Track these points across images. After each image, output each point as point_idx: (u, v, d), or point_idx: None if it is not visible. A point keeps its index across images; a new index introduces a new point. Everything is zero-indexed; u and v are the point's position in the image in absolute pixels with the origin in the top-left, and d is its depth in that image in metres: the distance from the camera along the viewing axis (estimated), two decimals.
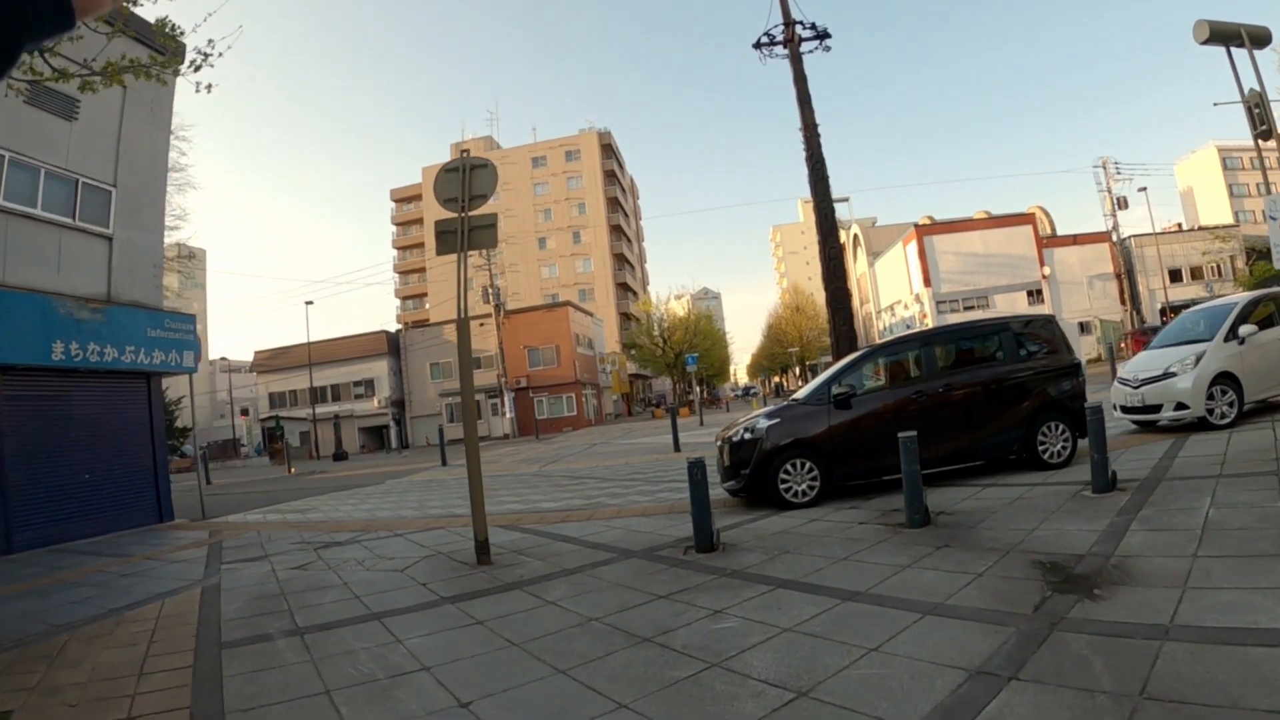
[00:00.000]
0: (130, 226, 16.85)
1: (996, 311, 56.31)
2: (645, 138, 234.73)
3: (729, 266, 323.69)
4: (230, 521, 16.17)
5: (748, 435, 10.16)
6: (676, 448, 21.48)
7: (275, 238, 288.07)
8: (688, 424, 40.55)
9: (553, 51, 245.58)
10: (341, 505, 17.26)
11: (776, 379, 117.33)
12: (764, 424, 10.16)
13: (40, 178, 14.95)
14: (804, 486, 9.77)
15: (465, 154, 9.19)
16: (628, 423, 59.08)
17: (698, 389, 69.90)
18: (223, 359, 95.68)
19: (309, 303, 59.79)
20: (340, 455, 50.91)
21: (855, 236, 79.90)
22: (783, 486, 9.77)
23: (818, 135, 29.67)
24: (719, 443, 10.80)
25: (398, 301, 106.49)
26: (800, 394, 11.57)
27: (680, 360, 64.31)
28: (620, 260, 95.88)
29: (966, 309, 57.37)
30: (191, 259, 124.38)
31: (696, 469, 8.00)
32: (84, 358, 14.98)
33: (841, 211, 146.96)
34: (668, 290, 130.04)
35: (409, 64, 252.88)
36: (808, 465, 9.83)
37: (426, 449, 52.55)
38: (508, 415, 57.41)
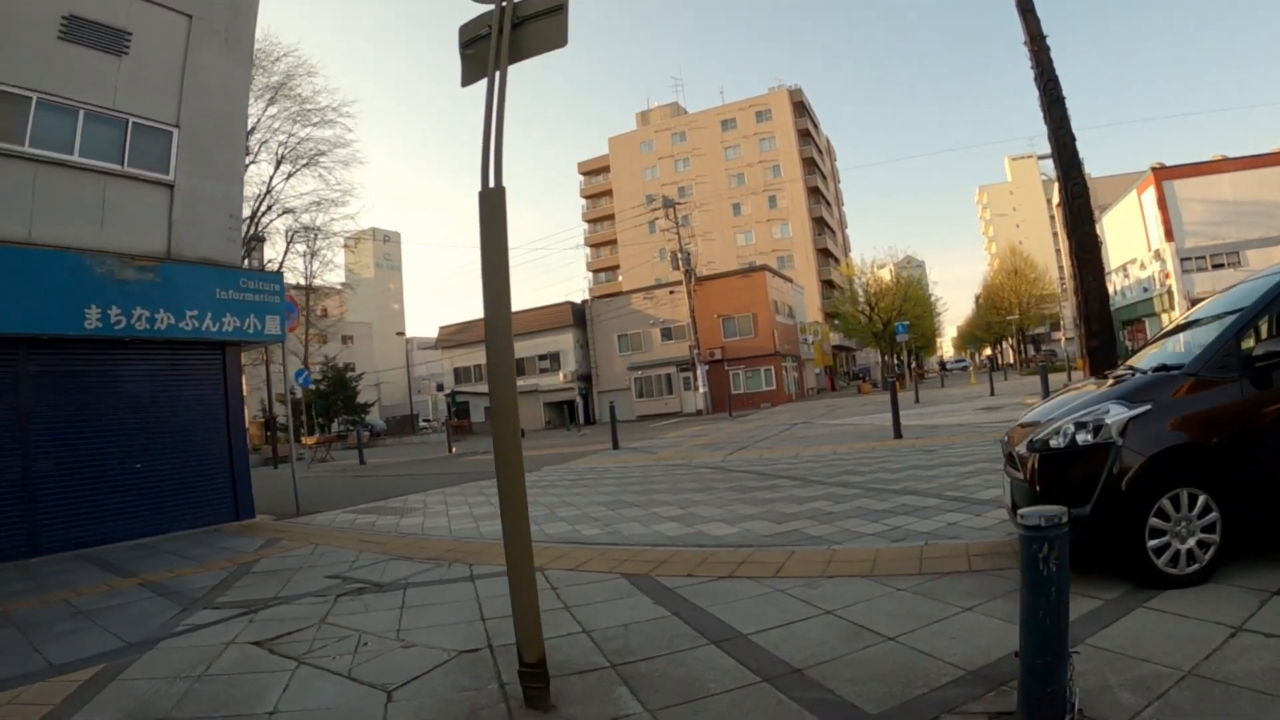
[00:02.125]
0: (198, 173, 14.26)
1: (1249, 270, 48.59)
2: (836, 99, 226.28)
3: (930, 234, 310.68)
4: (312, 524, 13.14)
5: (1085, 439, 5.21)
6: (898, 433, 16.82)
7: (461, 218, 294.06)
8: (900, 401, 35.66)
9: (737, 10, 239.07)
10: (457, 506, 13.43)
11: (988, 351, 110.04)
12: (1121, 413, 5.20)
13: (79, 120, 12.71)
14: (1192, 545, 4.95)
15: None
16: (831, 398, 53.92)
17: (908, 361, 64.41)
18: (399, 335, 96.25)
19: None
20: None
21: None
22: (1154, 543, 4.94)
23: (1046, 47, 24.23)
24: (1011, 449, 6.03)
25: (589, 275, 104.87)
26: (1151, 357, 6.55)
27: (889, 329, 58.71)
28: (820, 224, 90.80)
29: (1215, 267, 48.91)
30: (387, 242, 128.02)
31: (1042, 542, 3.21)
32: (128, 325, 12.49)
33: (1050, 168, 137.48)
34: (870, 255, 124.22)
35: (590, 34, 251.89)
36: (1201, 501, 5.02)
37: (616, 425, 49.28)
38: (700, 390, 53.36)
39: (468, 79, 4.76)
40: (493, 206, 4.42)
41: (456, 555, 8.56)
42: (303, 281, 55.66)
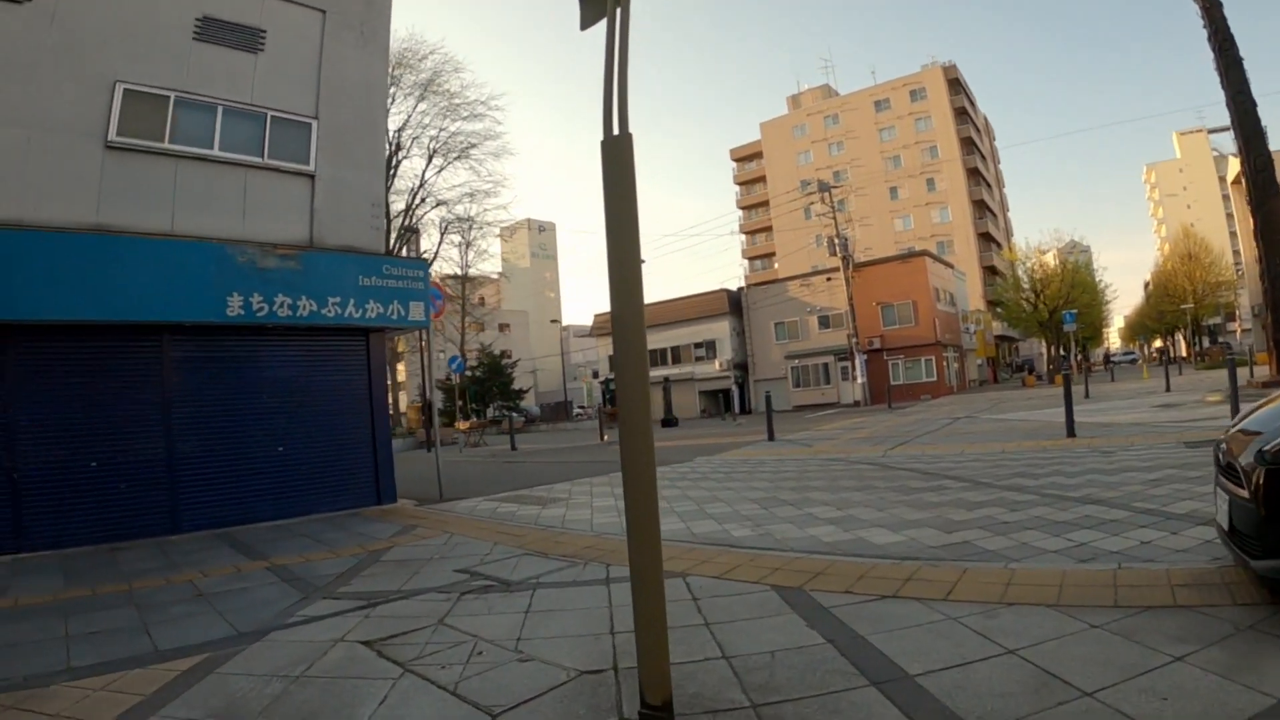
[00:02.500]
0: (338, 163, 14.61)
1: None
2: (991, 75, 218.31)
3: (1095, 217, 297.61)
4: (452, 511, 13.12)
5: None
6: (1071, 431, 15.73)
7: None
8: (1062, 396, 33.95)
9: None
10: (602, 498, 13.15)
11: (1158, 343, 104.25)
12: None
13: (218, 116, 13.22)
14: None
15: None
16: (994, 391, 52.15)
17: (1074, 352, 61.47)
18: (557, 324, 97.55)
19: (642, 261, 56.78)
20: (670, 421, 47.62)
21: None
22: None
23: (1219, 3, 22.46)
24: (1230, 459, 5.20)
25: (745, 262, 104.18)
26: None
27: (1055, 318, 56.18)
28: (980, 207, 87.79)
29: None
30: (543, 232, 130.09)
31: None
32: (269, 312, 12.87)
33: (1221, 143, 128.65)
34: (1034, 239, 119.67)
35: (737, 17, 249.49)
36: None
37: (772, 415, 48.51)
38: (858, 380, 52.12)
39: (586, 21, 4.30)
40: (618, 156, 3.94)
41: (594, 553, 8.16)
42: (458, 271, 56.84)
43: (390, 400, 52.98)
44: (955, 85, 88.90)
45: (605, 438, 31.64)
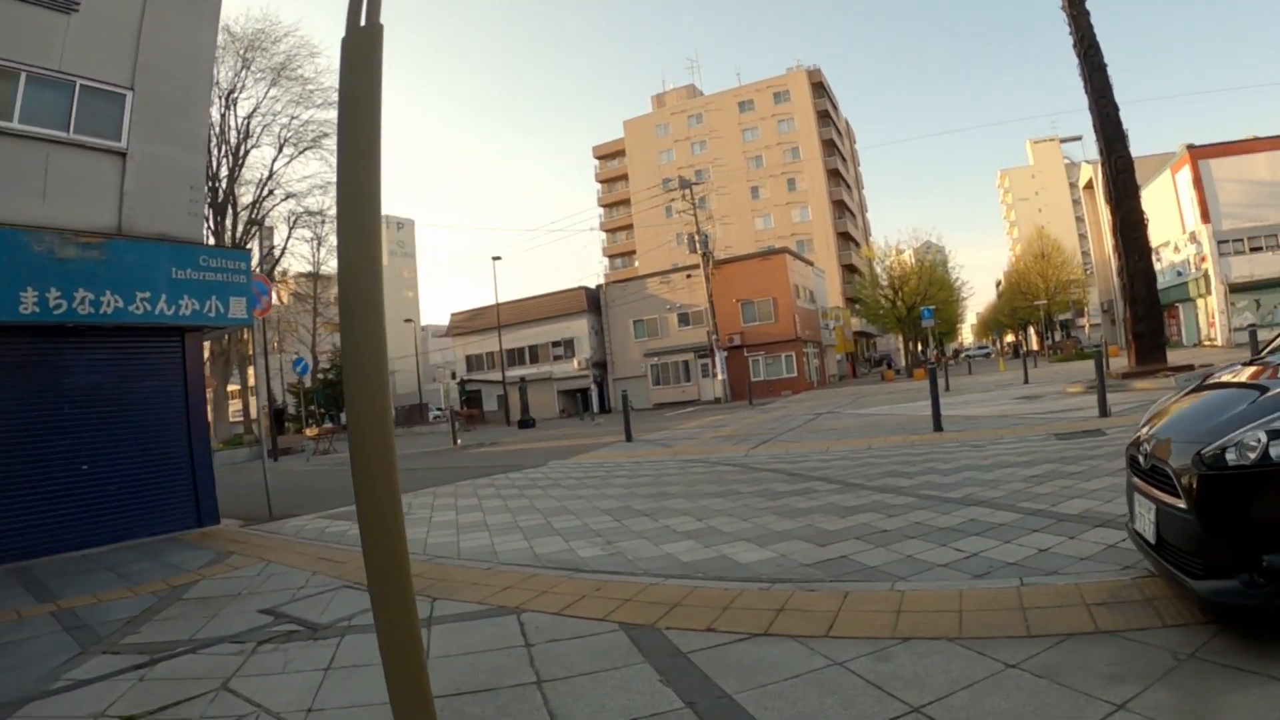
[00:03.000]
0: (155, 139, 12.88)
1: None
2: (854, 80, 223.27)
3: (950, 220, 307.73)
4: (279, 532, 11.53)
5: None
6: (938, 425, 15.17)
7: (477, 206, 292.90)
8: (924, 389, 33.92)
9: None
10: (444, 511, 11.82)
11: (1010, 337, 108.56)
12: None
13: (19, 84, 11.48)
14: None
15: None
16: (854, 386, 52.38)
17: (932, 347, 62.65)
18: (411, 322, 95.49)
19: (496, 258, 55.19)
20: (526, 422, 46.44)
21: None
22: None
23: (1086, 11, 22.76)
24: (1153, 460, 4.38)
25: (605, 261, 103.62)
26: None
27: (914, 314, 56.81)
28: (840, 208, 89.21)
29: (1253, 249, 47.18)
30: (400, 229, 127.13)
31: None
32: (69, 309, 11.11)
33: (1072, 152, 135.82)
34: (893, 239, 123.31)
35: (605, 14, 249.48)
36: None
37: (631, 414, 47.60)
38: (719, 377, 51.81)
39: None
40: (366, 56, 2.99)
41: (421, 583, 6.98)
42: (310, 268, 54.53)
43: (227, 407, 50.37)
44: (819, 89, 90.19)
45: (459, 442, 30.26)
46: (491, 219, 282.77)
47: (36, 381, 11.43)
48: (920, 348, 65.34)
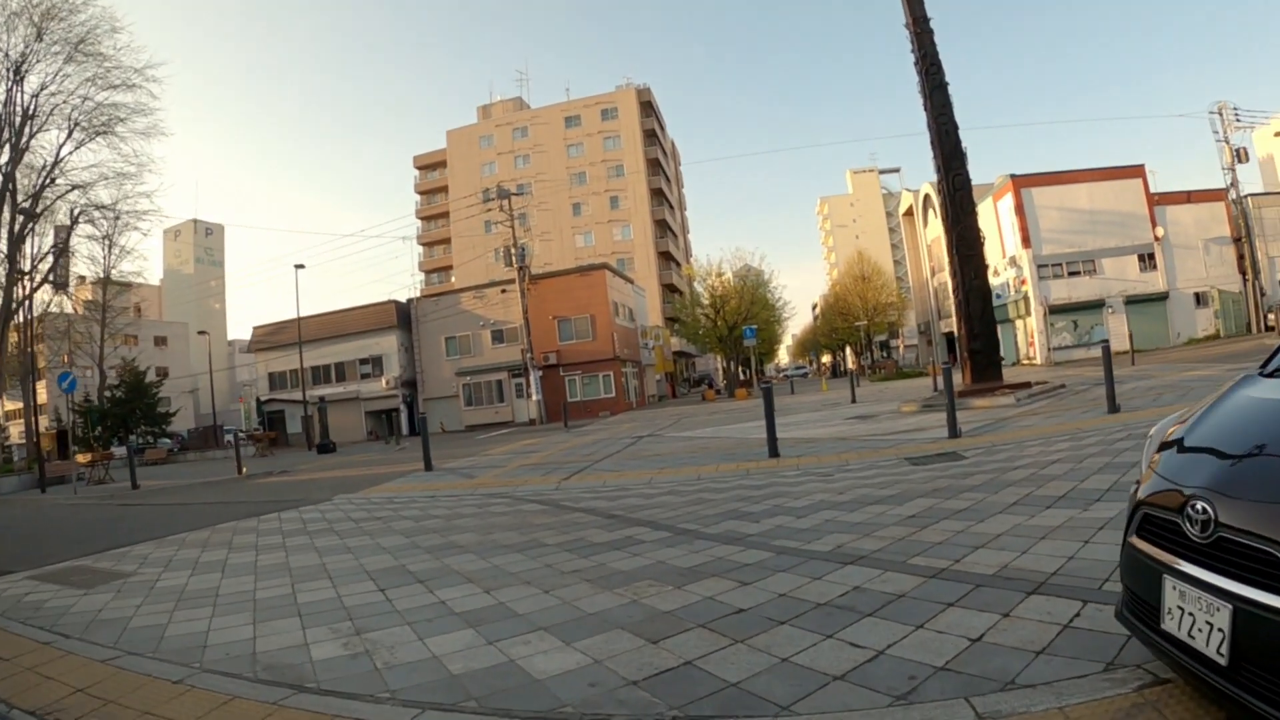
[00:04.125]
0: None
1: (1105, 278, 49.69)
2: (680, 104, 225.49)
3: (770, 246, 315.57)
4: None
5: None
6: (774, 451, 13.36)
7: (294, 214, 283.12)
8: (748, 409, 32.46)
9: (585, 6, 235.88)
10: (177, 572, 9.04)
11: (826, 358, 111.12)
12: None
13: None
14: None
15: None
16: (675, 406, 50.84)
17: (752, 366, 62.17)
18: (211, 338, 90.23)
19: (299, 266, 50.69)
20: (325, 446, 43.11)
21: (926, 198, 71.14)
22: None
23: (929, 30, 21.99)
24: (1183, 520, 2.75)
25: (422, 276, 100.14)
26: None
27: (735, 334, 55.95)
28: (662, 227, 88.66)
29: (1071, 274, 50.15)
30: (209, 235, 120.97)
31: None
32: None
33: (890, 183, 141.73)
34: (716, 256, 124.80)
35: (432, 26, 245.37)
36: None
37: (440, 437, 44.67)
38: (534, 397, 49.41)
39: None
40: None
41: (77, 712, 4.49)
42: (98, 272, 49.20)
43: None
44: (648, 108, 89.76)
45: (244, 471, 26.96)
46: (308, 228, 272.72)
47: None
48: (740, 368, 64.76)
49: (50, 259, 44.46)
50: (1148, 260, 49.92)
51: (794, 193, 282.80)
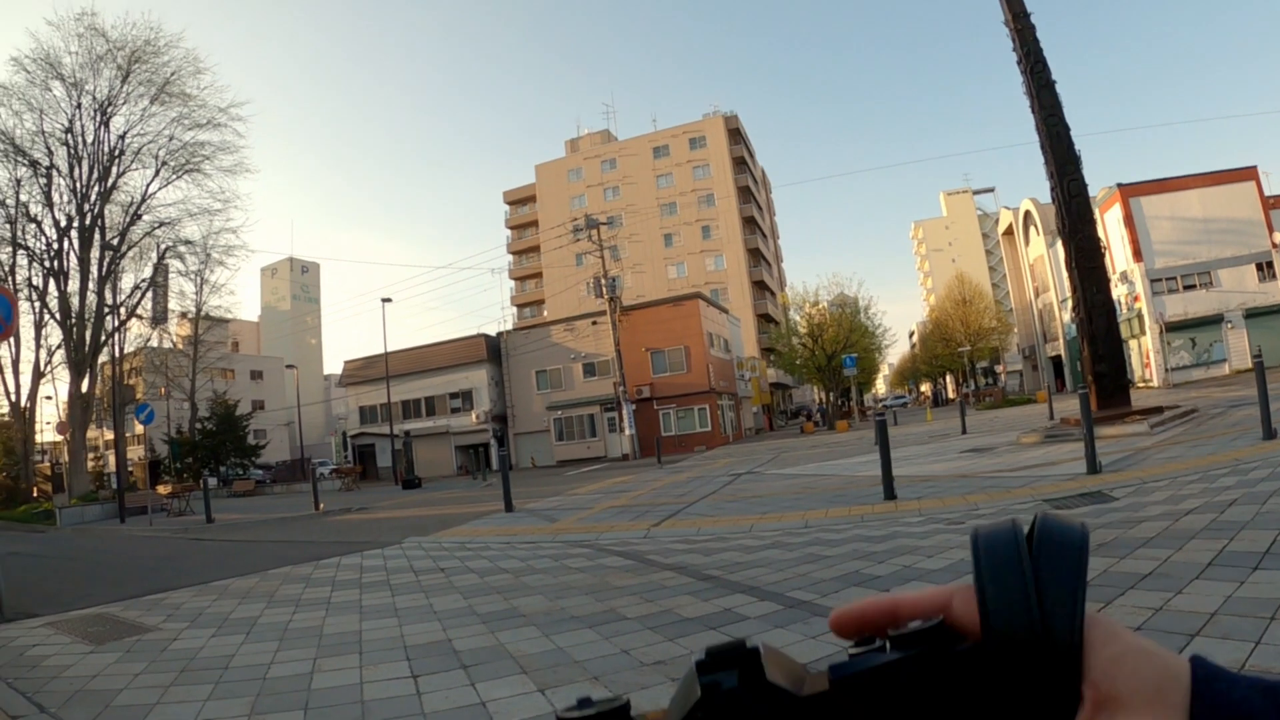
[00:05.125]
0: None
1: (1222, 290, 46.33)
2: (770, 131, 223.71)
3: (864, 275, 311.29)
4: (9, 640, 8.24)
5: None
6: (890, 493, 11.69)
7: (389, 251, 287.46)
8: (850, 442, 30.62)
9: (670, 37, 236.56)
10: (200, 630, 7.83)
11: (926, 386, 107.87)
12: None
13: None
14: None
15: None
16: (772, 439, 48.97)
17: (852, 397, 59.98)
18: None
19: (386, 300, 50.66)
20: (411, 482, 42.13)
21: (1027, 215, 68.39)
22: None
23: (1031, 26, 20.21)
24: None
25: (514, 310, 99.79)
26: None
27: (834, 363, 53.96)
28: (755, 256, 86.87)
29: (1186, 288, 46.87)
30: (305, 273, 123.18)
31: None
32: None
33: (985, 203, 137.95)
34: (813, 284, 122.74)
35: (520, 64, 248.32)
36: None
37: (528, 473, 43.51)
38: (627, 432, 48.02)
39: None
40: None
41: None
42: (190, 308, 49.90)
43: (84, 458, 45.27)
44: (735, 135, 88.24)
45: (321, 507, 26.10)
46: (403, 262, 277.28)
47: None
48: (840, 398, 62.47)
49: (139, 294, 45.21)
50: (1267, 269, 46.34)
51: (885, 218, 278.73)
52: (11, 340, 43.09)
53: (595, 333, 53.17)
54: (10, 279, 41.33)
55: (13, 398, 46.47)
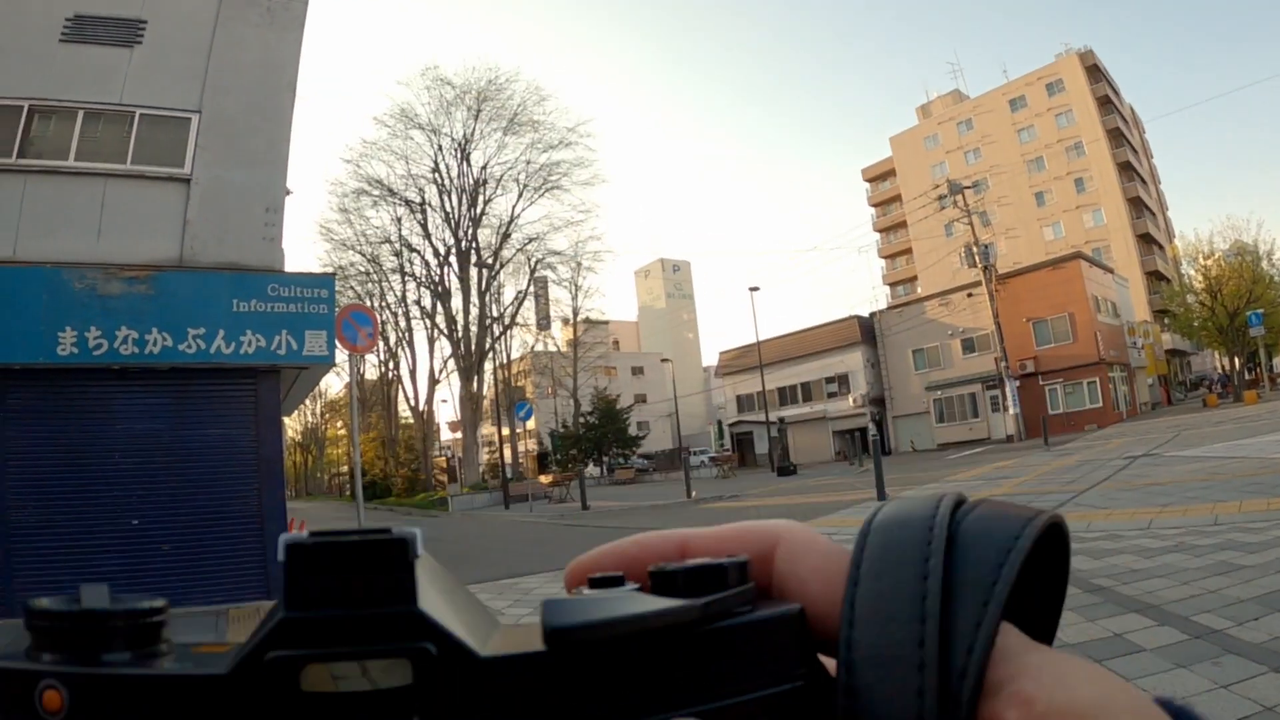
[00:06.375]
0: (224, 162, 12.20)
1: None
2: (1130, 62, 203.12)
3: (1261, 214, 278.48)
4: None
5: None
6: None
7: (754, 239, 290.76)
8: (1261, 416, 27.65)
9: None
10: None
11: None
12: None
13: (77, 122, 11.57)
14: None
15: None
16: (1172, 415, 44.32)
17: (1260, 363, 53.32)
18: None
19: (754, 289, 51.68)
20: (785, 469, 42.59)
21: None
22: None
23: None
24: None
25: (886, 289, 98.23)
26: None
27: (1237, 322, 48.22)
28: (1137, 206, 79.50)
29: None
30: (677, 271, 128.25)
31: None
32: (110, 349, 10.60)
33: None
34: (1203, 231, 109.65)
35: (858, 30, 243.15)
36: None
37: (906, 458, 42.74)
38: (1011, 411, 45.45)
39: None
40: None
41: None
42: (567, 314, 54.75)
43: (476, 453, 50.92)
44: (1095, 72, 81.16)
45: (693, 494, 27.19)
46: (761, 250, 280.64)
47: (87, 429, 10.91)
48: (1246, 364, 54.48)
49: (518, 305, 50.76)
50: None
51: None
52: (409, 353, 56.18)
53: (972, 305, 51.05)
54: (403, 303, 49.13)
55: (413, 402, 57.58)
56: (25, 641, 0.37)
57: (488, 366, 52.25)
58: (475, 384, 49.49)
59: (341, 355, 14.62)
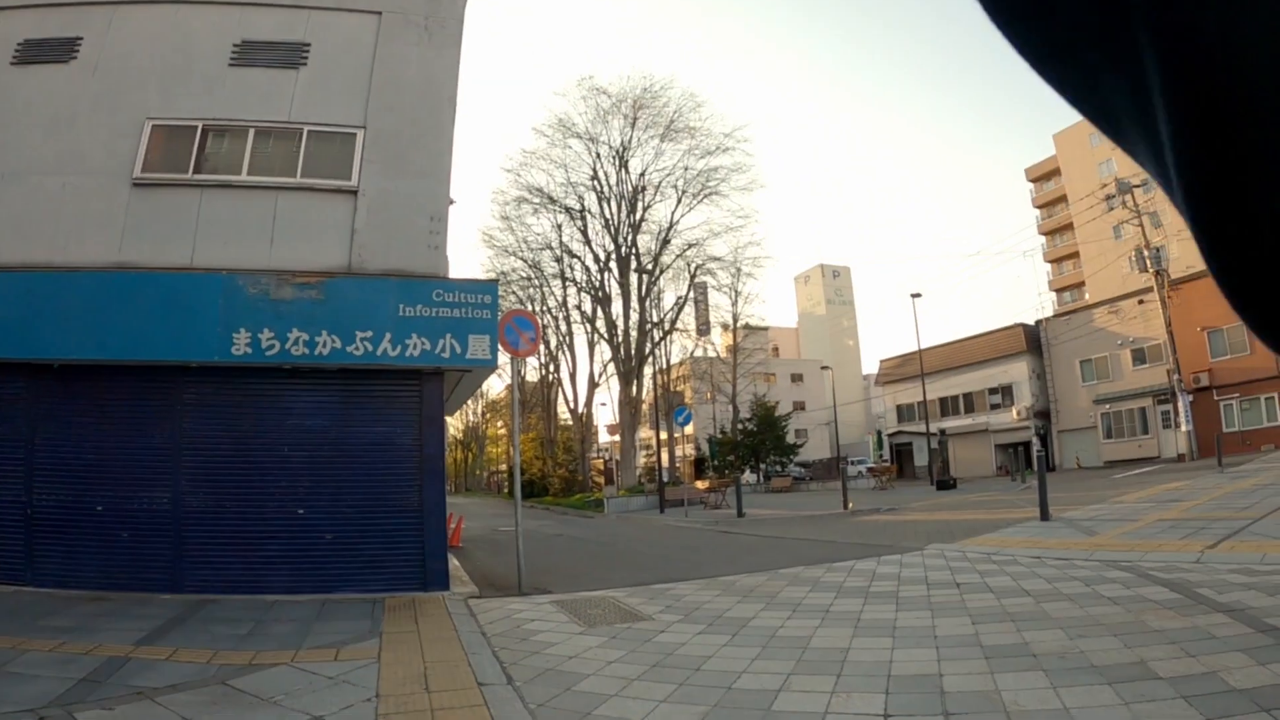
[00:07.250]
0: (389, 174, 12.84)
1: None
2: None
3: None
4: (489, 614, 9.98)
5: None
6: None
7: (912, 245, 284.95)
8: None
9: None
10: (687, 628, 8.35)
11: None
12: None
13: (248, 140, 12.54)
14: None
15: None
16: None
17: None
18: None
19: (916, 295, 50.45)
20: (944, 483, 41.04)
21: None
22: None
23: None
24: None
25: (1053, 296, 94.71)
26: None
27: None
28: None
29: None
30: (837, 277, 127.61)
31: None
32: (281, 350, 11.35)
33: None
34: None
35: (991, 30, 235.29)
36: None
37: (1071, 475, 41.10)
38: (1183, 428, 42.82)
39: None
40: None
41: None
42: (727, 320, 54.86)
43: (634, 456, 51.45)
44: None
45: (849, 505, 26.76)
46: (922, 255, 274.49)
47: (258, 422, 11.69)
48: None
49: (677, 310, 51.07)
50: None
51: None
52: (569, 356, 56.70)
53: (1143, 313, 48.12)
54: (564, 308, 50.06)
55: (572, 404, 58.52)
56: None
57: (647, 371, 52.88)
58: (634, 388, 50.04)
59: (503, 358, 15.37)
